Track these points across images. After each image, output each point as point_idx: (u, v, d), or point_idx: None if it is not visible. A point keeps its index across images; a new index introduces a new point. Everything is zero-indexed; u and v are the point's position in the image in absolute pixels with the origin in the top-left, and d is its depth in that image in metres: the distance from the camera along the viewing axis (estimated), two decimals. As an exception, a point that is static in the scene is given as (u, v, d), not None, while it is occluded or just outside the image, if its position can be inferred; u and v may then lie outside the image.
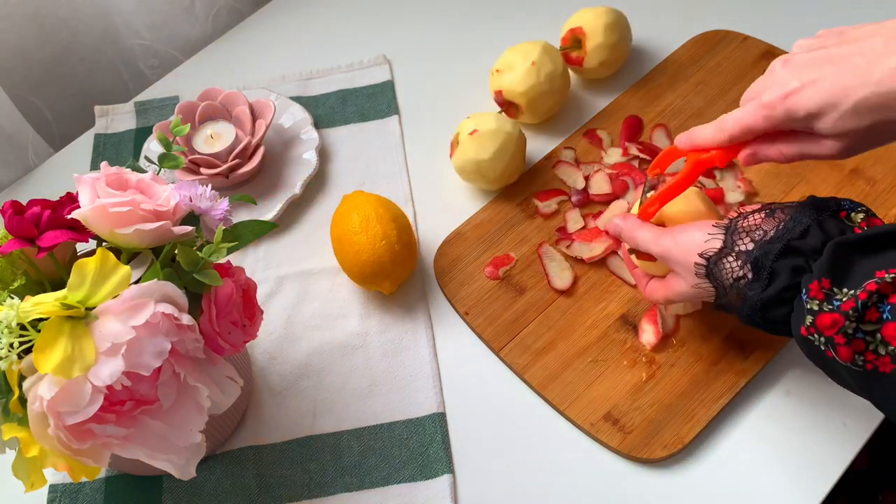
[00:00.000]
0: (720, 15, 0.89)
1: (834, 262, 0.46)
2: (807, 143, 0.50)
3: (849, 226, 0.50)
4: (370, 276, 0.67)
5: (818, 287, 0.46)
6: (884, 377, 0.44)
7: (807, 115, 0.48)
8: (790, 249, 0.49)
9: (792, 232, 0.49)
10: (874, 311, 0.44)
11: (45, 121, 0.94)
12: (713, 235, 0.53)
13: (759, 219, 0.52)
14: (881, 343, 0.44)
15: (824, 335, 0.46)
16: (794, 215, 0.50)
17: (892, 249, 0.46)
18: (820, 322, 0.46)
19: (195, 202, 0.52)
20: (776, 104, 0.49)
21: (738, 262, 0.51)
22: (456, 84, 0.87)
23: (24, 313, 0.42)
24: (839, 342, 0.45)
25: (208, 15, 0.96)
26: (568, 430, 0.63)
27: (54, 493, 0.63)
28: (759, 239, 0.50)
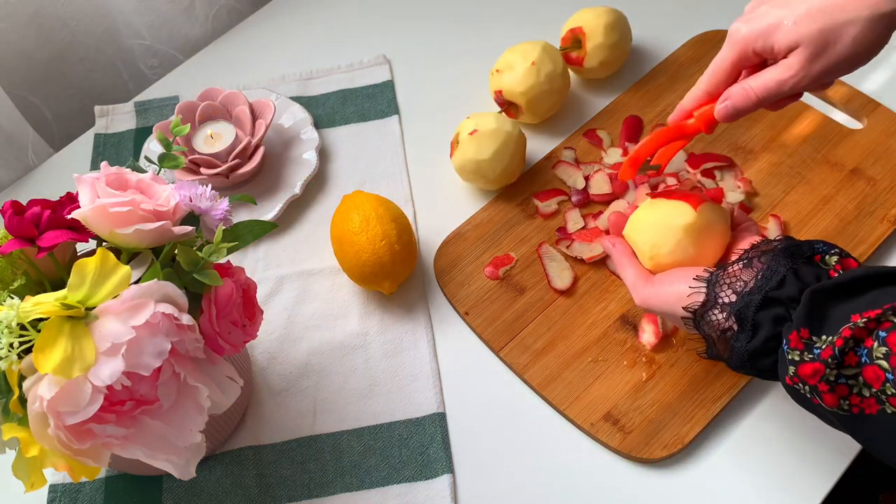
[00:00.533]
0: (720, 15, 0.89)
1: (810, 310, 0.47)
2: (770, 69, 0.53)
3: (824, 269, 0.50)
4: (370, 276, 0.67)
5: (797, 337, 0.47)
6: (871, 419, 0.45)
7: (767, 28, 0.52)
8: (769, 300, 0.49)
9: (770, 282, 0.50)
10: (853, 356, 0.44)
11: (45, 121, 0.94)
12: (695, 289, 0.53)
13: (738, 269, 0.52)
14: (864, 386, 0.44)
15: (808, 384, 0.46)
16: (771, 264, 0.51)
17: (866, 292, 0.46)
18: (802, 371, 0.46)
19: (195, 202, 0.52)
20: (740, 27, 0.53)
21: (722, 315, 0.51)
22: (456, 84, 0.87)
23: (24, 313, 0.42)
24: (823, 390, 0.45)
25: (208, 15, 0.96)
26: (568, 430, 0.63)
27: (54, 493, 0.63)
28: (740, 290, 0.51)
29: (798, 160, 0.75)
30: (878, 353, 0.43)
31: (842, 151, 0.75)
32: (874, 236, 0.70)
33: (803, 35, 0.50)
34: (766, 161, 0.76)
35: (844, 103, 0.78)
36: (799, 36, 0.50)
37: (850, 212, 0.71)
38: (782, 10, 0.52)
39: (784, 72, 0.52)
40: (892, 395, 0.43)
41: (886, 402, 0.43)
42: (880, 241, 0.69)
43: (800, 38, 0.50)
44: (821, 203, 0.72)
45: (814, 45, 0.50)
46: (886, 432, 0.44)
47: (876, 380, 0.43)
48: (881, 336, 0.43)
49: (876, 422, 0.44)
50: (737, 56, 0.54)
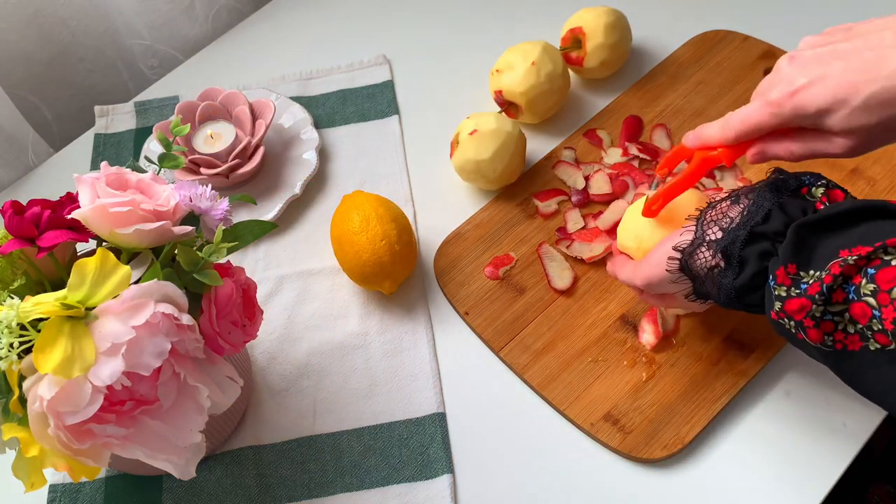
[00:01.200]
0: (720, 15, 0.89)
1: (797, 245, 0.47)
2: (816, 141, 0.50)
3: (810, 202, 0.50)
4: (370, 276, 0.67)
5: (784, 273, 0.46)
6: (853, 354, 0.45)
7: (816, 111, 0.48)
8: (755, 235, 0.49)
9: (754, 217, 0.49)
10: (840, 293, 0.44)
11: (45, 121, 0.94)
12: (686, 228, 0.53)
13: (726, 206, 0.52)
14: (850, 322, 0.44)
15: (794, 319, 0.46)
16: (756, 199, 0.50)
17: (854, 226, 0.46)
18: (788, 307, 0.46)
19: (195, 202, 0.52)
20: (783, 101, 0.49)
21: (709, 252, 0.51)
22: (456, 84, 0.87)
23: (24, 313, 0.42)
24: (808, 325, 0.45)
25: (208, 15, 0.96)
26: (568, 430, 0.63)
27: (54, 493, 0.63)
28: (726, 227, 0.51)
29: (798, 160, 0.75)
30: (866, 290, 0.43)
31: (842, 151, 0.75)
32: (874, 236, 0.70)
33: (858, 127, 0.47)
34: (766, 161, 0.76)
35: (844, 103, 0.78)
36: (855, 127, 0.47)
37: (850, 212, 0.71)
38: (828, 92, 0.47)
39: (832, 148, 0.49)
40: (877, 331, 0.43)
41: (871, 338, 0.43)
42: (880, 241, 0.69)
43: (856, 129, 0.47)
44: (821, 203, 0.72)
45: (867, 135, 0.48)
46: (868, 368, 0.44)
47: (863, 316, 0.43)
48: (870, 273, 0.43)
49: (858, 357, 0.45)
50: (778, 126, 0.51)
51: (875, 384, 0.45)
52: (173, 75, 0.92)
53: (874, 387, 0.45)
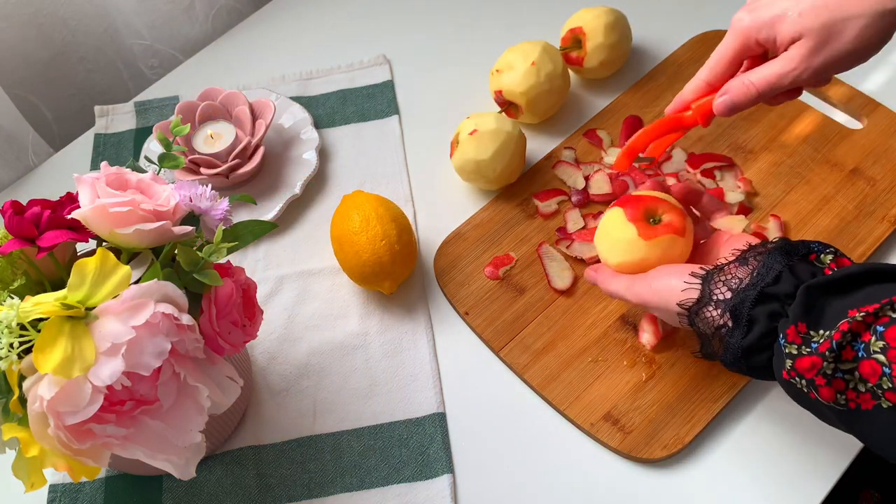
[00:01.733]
0: (720, 15, 0.89)
1: (807, 305, 0.47)
2: (771, 62, 0.53)
3: (819, 267, 0.50)
4: (370, 276, 0.67)
5: (795, 332, 0.47)
6: (867, 414, 0.45)
7: (770, 19, 0.52)
8: (765, 296, 0.49)
9: (765, 278, 0.49)
10: (850, 351, 0.44)
11: (45, 121, 0.94)
12: (690, 285, 0.53)
13: (734, 267, 0.52)
14: (860, 381, 0.44)
15: (805, 378, 0.46)
16: (766, 261, 0.51)
17: (861, 288, 0.46)
18: (799, 365, 0.46)
19: (195, 202, 0.52)
20: (744, 17, 0.54)
21: (717, 311, 0.51)
22: (456, 84, 0.87)
23: (24, 313, 0.42)
24: (820, 383, 0.45)
25: (208, 15, 0.96)
26: (568, 430, 0.63)
27: (54, 493, 0.63)
28: (735, 287, 0.51)
29: (798, 160, 0.75)
30: (876, 348, 0.43)
31: (842, 151, 0.75)
32: (874, 236, 0.70)
33: (807, 27, 0.50)
34: (766, 161, 0.76)
35: (844, 103, 0.78)
36: (802, 28, 0.50)
37: (850, 212, 0.71)
38: (787, 2, 0.52)
39: (785, 64, 0.52)
40: (888, 389, 0.43)
41: (882, 396, 0.43)
42: (880, 241, 0.69)
43: (803, 30, 0.50)
44: (821, 203, 0.72)
45: (816, 37, 0.50)
46: (883, 427, 0.44)
47: (872, 374, 0.43)
48: (879, 331, 0.43)
49: (872, 417, 0.44)
50: (739, 45, 0.54)
51: (890, 443, 0.45)
52: (173, 75, 0.92)
53: (889, 446, 0.45)
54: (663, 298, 0.54)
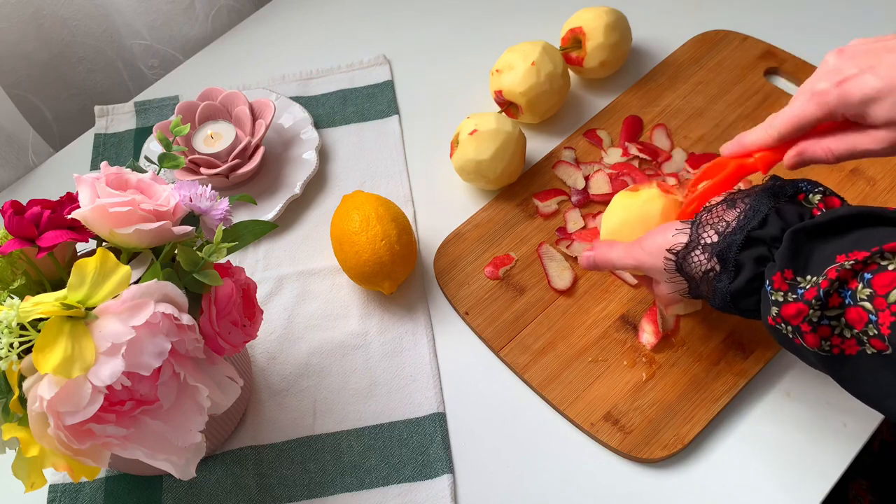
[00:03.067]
0: (720, 15, 0.89)
1: (794, 250, 0.47)
2: (857, 136, 0.50)
3: (807, 208, 0.50)
4: (370, 276, 0.67)
5: (781, 278, 0.46)
6: (850, 359, 0.45)
7: (862, 99, 0.48)
8: (751, 240, 0.49)
9: (751, 222, 0.49)
10: (836, 297, 0.44)
11: (45, 121, 0.94)
12: (680, 230, 0.53)
13: (722, 210, 0.52)
14: (846, 327, 0.44)
15: (791, 324, 0.46)
16: (753, 204, 0.50)
17: (849, 232, 0.46)
18: (785, 312, 0.46)
19: (195, 202, 0.52)
20: (829, 90, 0.49)
21: (704, 256, 0.51)
22: (456, 84, 0.87)
23: (24, 313, 0.42)
24: (805, 330, 0.45)
25: (208, 15, 0.96)
26: (568, 430, 0.63)
27: (54, 493, 0.63)
28: (722, 231, 0.51)
29: (798, 160, 0.75)
30: (863, 295, 0.43)
31: (842, 151, 0.75)
32: (874, 236, 0.70)
33: None
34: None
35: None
36: None
37: (850, 212, 0.71)
38: (877, 81, 0.47)
39: (872, 143, 0.49)
40: (873, 336, 0.43)
41: (867, 343, 0.43)
42: (880, 241, 0.69)
43: None
44: (821, 203, 0.72)
45: None
46: (865, 372, 0.44)
47: (859, 321, 0.43)
48: (866, 278, 0.43)
49: (855, 362, 0.45)
50: (823, 117, 0.51)
51: (872, 389, 0.45)
52: (173, 75, 0.92)
53: (871, 391, 0.45)
54: (654, 255, 0.54)
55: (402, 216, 0.70)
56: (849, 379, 0.46)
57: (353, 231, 0.67)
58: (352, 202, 0.70)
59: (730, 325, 0.66)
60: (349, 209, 0.69)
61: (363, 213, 0.68)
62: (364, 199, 0.69)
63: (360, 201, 0.69)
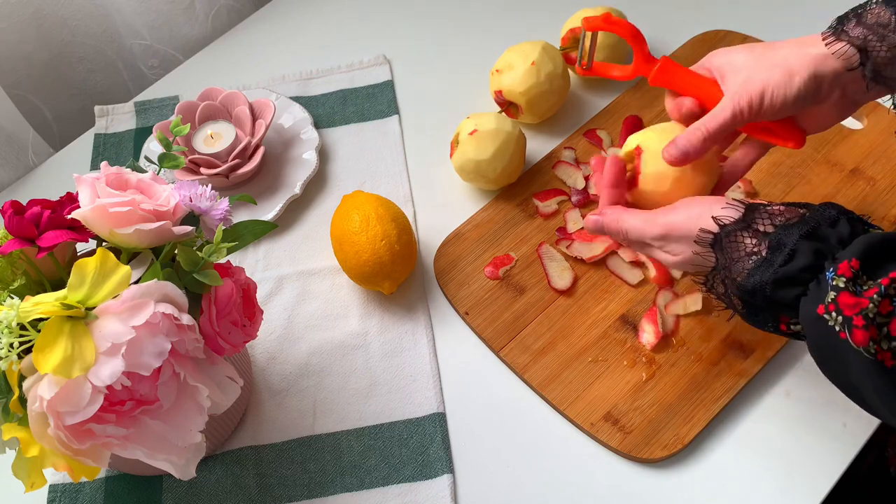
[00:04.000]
0: (720, 15, 0.89)
1: (867, 251, 0.45)
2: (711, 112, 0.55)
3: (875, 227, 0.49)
4: (370, 276, 0.67)
5: (848, 266, 0.45)
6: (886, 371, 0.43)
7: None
8: (817, 234, 0.48)
9: (822, 218, 0.48)
10: (888, 304, 0.43)
11: (45, 121, 0.94)
12: (732, 206, 0.51)
13: (782, 208, 0.51)
14: (885, 337, 0.43)
15: (843, 314, 0.44)
16: (819, 209, 0.49)
17: None
18: (843, 300, 0.44)
19: (195, 202, 0.52)
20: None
21: (753, 240, 0.49)
22: (456, 84, 0.87)
23: (24, 313, 0.42)
24: (858, 324, 0.43)
25: (208, 15, 0.96)
26: (568, 430, 0.63)
27: (54, 493, 0.63)
28: (780, 223, 0.49)
29: (798, 160, 0.75)
30: None
31: (842, 151, 0.75)
32: (874, 236, 0.70)
33: None
34: (766, 161, 0.76)
35: (844, 103, 0.78)
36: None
37: (850, 212, 0.71)
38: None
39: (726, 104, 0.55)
40: None
41: None
42: (880, 241, 0.69)
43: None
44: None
45: None
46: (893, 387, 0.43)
47: None
48: None
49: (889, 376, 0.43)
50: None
51: None
52: (173, 75, 0.92)
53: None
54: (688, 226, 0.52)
55: (402, 216, 0.70)
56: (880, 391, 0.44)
57: (353, 231, 0.67)
58: (352, 202, 0.70)
59: (730, 325, 0.66)
60: (349, 209, 0.69)
61: (363, 213, 0.68)
62: (364, 199, 0.69)
63: (360, 201, 0.69)
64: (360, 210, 0.68)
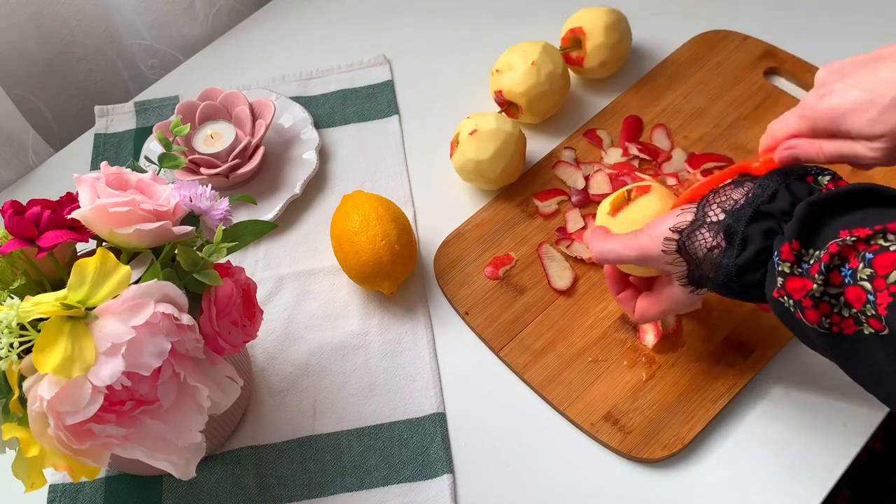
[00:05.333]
0: (720, 15, 0.89)
1: (803, 222, 0.46)
2: (846, 144, 0.50)
3: (816, 188, 0.50)
4: (370, 276, 0.67)
5: (789, 249, 0.46)
6: (847, 339, 0.45)
7: (843, 111, 0.49)
8: (760, 214, 0.49)
9: (760, 197, 0.49)
10: (837, 275, 0.44)
11: (45, 121, 0.94)
12: (685, 209, 0.53)
13: (729, 189, 0.52)
14: (844, 305, 0.44)
15: (793, 298, 0.46)
16: (762, 182, 0.50)
17: (858, 210, 0.46)
18: (790, 286, 0.46)
19: (195, 202, 0.52)
20: (815, 103, 0.50)
21: (710, 233, 0.51)
22: (456, 84, 0.87)
23: (24, 313, 0.42)
24: (807, 305, 0.45)
25: (208, 15, 0.96)
26: (568, 430, 0.63)
27: (54, 493, 0.63)
28: (729, 208, 0.50)
29: (798, 160, 0.75)
30: (863, 275, 0.43)
31: (842, 151, 0.75)
32: (874, 236, 0.70)
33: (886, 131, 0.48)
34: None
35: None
36: (879, 130, 0.48)
37: (850, 212, 0.71)
38: (861, 93, 0.48)
39: (865, 151, 0.50)
40: (871, 316, 0.43)
41: (865, 322, 0.43)
42: (880, 241, 0.69)
43: (882, 132, 0.48)
44: (821, 203, 0.72)
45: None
46: (861, 353, 0.44)
47: (857, 300, 0.43)
48: (867, 257, 0.43)
49: (852, 342, 0.44)
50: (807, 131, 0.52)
51: (867, 369, 0.45)
52: (173, 75, 0.92)
53: (866, 372, 0.45)
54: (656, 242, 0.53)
55: (402, 216, 0.70)
56: (845, 358, 0.46)
57: (353, 231, 0.67)
58: (352, 202, 0.70)
59: (730, 325, 0.66)
60: (349, 209, 0.69)
61: (363, 213, 0.68)
62: (364, 199, 0.69)
63: (360, 201, 0.69)
64: (360, 210, 0.68)
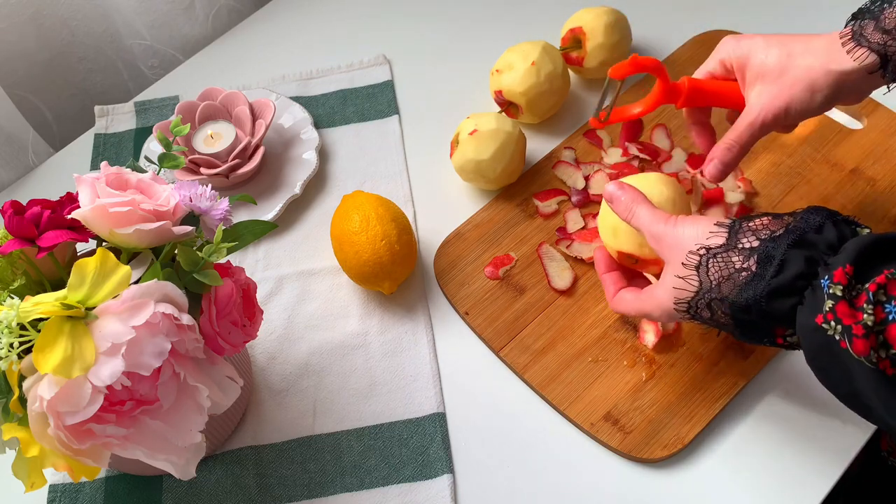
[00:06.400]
0: (720, 15, 0.89)
1: (858, 254, 0.45)
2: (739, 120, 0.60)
3: (860, 233, 0.48)
4: (370, 276, 0.67)
5: (842, 273, 0.44)
6: (886, 379, 0.42)
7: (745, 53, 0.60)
8: (804, 242, 0.47)
9: (808, 225, 0.48)
10: (881, 311, 0.42)
11: (45, 121, 0.94)
12: (715, 233, 0.51)
13: (767, 220, 0.50)
14: (882, 345, 0.42)
15: (843, 323, 0.43)
16: (805, 215, 0.49)
17: None
18: (840, 309, 0.43)
19: (195, 202, 0.52)
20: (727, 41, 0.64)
21: (740, 257, 0.49)
22: (456, 84, 0.87)
23: (24, 313, 0.42)
24: (857, 333, 0.42)
25: (208, 15, 0.96)
26: (568, 430, 0.63)
27: (54, 493, 0.63)
28: (765, 237, 0.49)
29: (798, 160, 0.75)
30: None
31: (842, 151, 0.75)
32: (874, 236, 0.70)
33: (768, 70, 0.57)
34: (767, 161, 0.76)
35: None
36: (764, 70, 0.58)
37: (850, 212, 0.71)
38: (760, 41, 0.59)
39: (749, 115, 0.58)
40: None
41: None
42: (880, 241, 0.69)
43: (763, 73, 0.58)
44: (821, 203, 0.72)
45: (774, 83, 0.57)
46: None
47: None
48: None
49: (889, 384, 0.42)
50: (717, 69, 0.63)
51: None
52: (173, 75, 0.92)
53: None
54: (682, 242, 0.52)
55: (402, 216, 0.70)
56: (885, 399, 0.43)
57: (353, 231, 0.67)
58: (352, 202, 0.70)
59: (730, 325, 0.66)
60: (349, 209, 0.69)
61: (363, 213, 0.68)
62: (364, 199, 0.69)
63: (360, 201, 0.69)
64: (360, 210, 0.68)
